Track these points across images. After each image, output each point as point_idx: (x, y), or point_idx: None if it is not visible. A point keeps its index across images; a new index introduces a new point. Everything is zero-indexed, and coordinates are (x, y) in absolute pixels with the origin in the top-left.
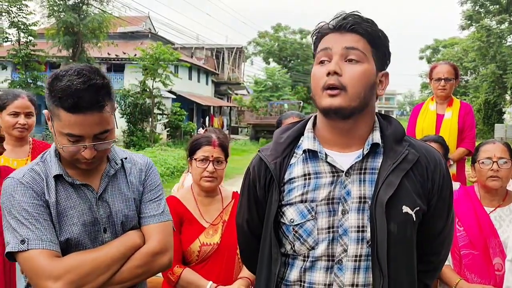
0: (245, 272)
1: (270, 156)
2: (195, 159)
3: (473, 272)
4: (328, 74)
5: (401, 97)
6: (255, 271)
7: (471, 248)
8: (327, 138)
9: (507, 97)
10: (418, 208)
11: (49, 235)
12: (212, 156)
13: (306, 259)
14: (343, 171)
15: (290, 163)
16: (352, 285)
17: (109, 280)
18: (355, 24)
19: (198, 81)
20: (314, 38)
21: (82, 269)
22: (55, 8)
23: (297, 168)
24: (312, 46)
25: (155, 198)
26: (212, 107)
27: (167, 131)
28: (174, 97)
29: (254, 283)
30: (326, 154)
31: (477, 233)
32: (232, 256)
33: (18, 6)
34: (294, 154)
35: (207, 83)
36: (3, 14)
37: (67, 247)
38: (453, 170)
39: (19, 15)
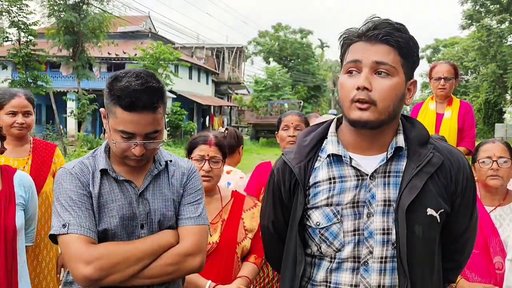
0: (244, 271)
1: (294, 159)
2: (191, 158)
3: (473, 271)
4: (358, 88)
5: None
6: (279, 270)
7: None
8: (351, 142)
9: (508, 97)
10: (443, 210)
11: (88, 223)
12: (208, 155)
13: (332, 260)
14: (367, 175)
15: (315, 166)
16: (379, 286)
17: (138, 273)
18: (387, 35)
19: (199, 80)
20: (341, 43)
21: (113, 258)
22: (55, 8)
23: (321, 172)
24: (340, 50)
25: (194, 201)
26: (212, 107)
27: (168, 131)
28: (175, 96)
29: (252, 282)
30: (350, 158)
31: (479, 233)
32: (231, 255)
33: (18, 6)
34: (318, 158)
35: (207, 83)
36: (4, 13)
37: (104, 237)
38: None
39: (20, 15)
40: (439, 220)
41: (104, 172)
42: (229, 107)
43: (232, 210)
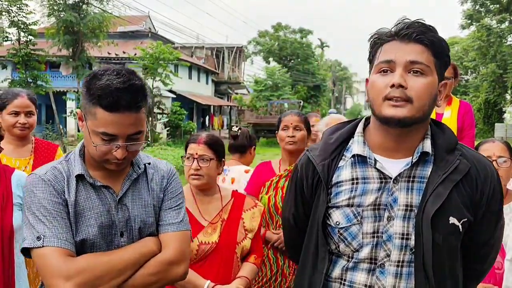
0: (244, 271)
1: (319, 157)
2: (184, 158)
3: None
4: (392, 86)
5: None
6: (296, 260)
7: None
8: (377, 143)
9: (507, 97)
10: (466, 219)
11: (65, 234)
12: (196, 153)
13: (349, 259)
14: (391, 178)
15: (339, 165)
16: None
17: (121, 285)
18: (420, 34)
19: (198, 80)
20: (373, 42)
21: (95, 271)
22: (55, 8)
23: (345, 171)
24: (369, 49)
25: (175, 206)
26: (212, 107)
27: (167, 131)
28: (174, 96)
29: (252, 282)
30: (375, 160)
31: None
32: (230, 255)
33: (18, 6)
34: (343, 157)
35: (207, 83)
36: (3, 13)
37: (82, 248)
38: None
39: (19, 15)
40: (461, 229)
41: (80, 177)
42: (229, 107)
43: (232, 210)
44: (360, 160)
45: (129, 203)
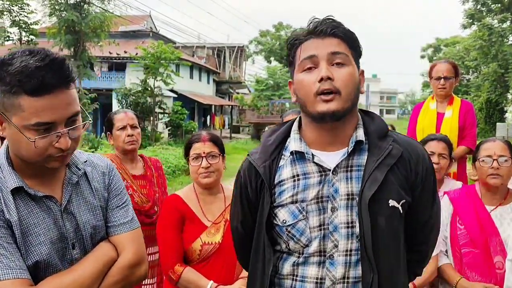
0: (246, 272)
1: (259, 159)
2: (189, 159)
3: (473, 271)
4: (321, 80)
5: (403, 96)
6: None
7: (472, 246)
8: (312, 138)
9: (509, 96)
10: (404, 200)
11: (17, 261)
12: (204, 152)
13: (300, 255)
14: (330, 170)
15: (279, 165)
16: (344, 278)
17: None
18: (334, 28)
19: (200, 80)
20: (290, 45)
21: None
22: (57, 7)
23: (286, 170)
24: (287, 52)
25: (122, 204)
26: (213, 106)
27: (169, 130)
28: (176, 96)
29: None
30: (313, 155)
31: (478, 231)
32: (233, 256)
33: (19, 5)
34: (282, 156)
35: (208, 82)
36: (5, 13)
37: (35, 271)
38: (454, 169)
39: (21, 14)
40: (401, 211)
41: (17, 191)
42: (230, 106)
43: None
44: (299, 157)
45: (75, 211)
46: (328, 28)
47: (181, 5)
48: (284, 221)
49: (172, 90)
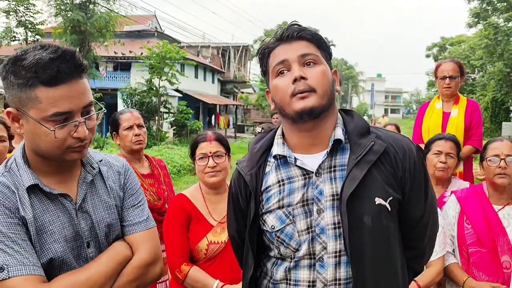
0: None
1: (246, 167)
2: (196, 158)
3: (481, 270)
4: (295, 81)
5: (408, 95)
6: None
7: (479, 246)
8: (295, 143)
9: None
10: (392, 198)
11: (31, 258)
12: (210, 151)
13: (291, 260)
14: (313, 172)
15: (266, 171)
16: (335, 279)
17: None
18: (300, 32)
19: (204, 79)
20: (261, 55)
21: None
22: (62, 7)
23: (271, 176)
24: (260, 63)
25: (137, 203)
26: (218, 106)
27: (174, 130)
28: (180, 95)
29: None
30: (295, 158)
31: (485, 231)
32: None
33: (25, 5)
34: (268, 163)
35: (213, 82)
36: (11, 13)
37: (49, 269)
38: (460, 168)
39: (27, 14)
40: (389, 209)
41: (31, 189)
42: (235, 106)
43: None
44: (283, 162)
45: (90, 209)
46: (295, 32)
47: (186, 5)
48: (273, 227)
49: (177, 90)
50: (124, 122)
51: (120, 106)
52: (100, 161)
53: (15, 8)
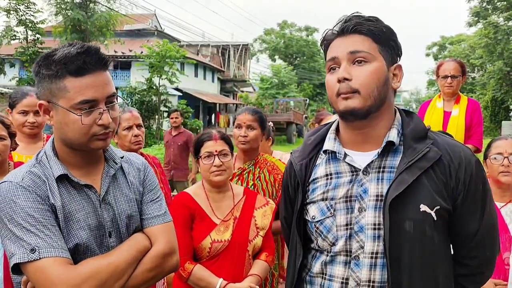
0: (255, 269)
1: (298, 157)
2: (201, 157)
3: None
4: (339, 81)
5: (407, 94)
6: None
7: None
8: (347, 139)
9: None
10: (439, 207)
11: (59, 242)
12: (216, 150)
13: (328, 253)
14: (360, 170)
15: (316, 164)
16: (369, 281)
17: (124, 285)
18: (357, 25)
19: (204, 78)
20: (322, 47)
21: (100, 275)
22: (63, 6)
23: (320, 168)
24: (323, 55)
25: (156, 198)
26: (218, 105)
27: None
28: (180, 94)
29: (263, 280)
30: (345, 154)
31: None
32: (242, 253)
33: (26, 4)
34: (320, 155)
35: (213, 81)
36: (11, 12)
37: (75, 254)
38: None
39: (27, 13)
40: (435, 218)
41: (60, 179)
42: (235, 104)
43: (244, 207)
44: (333, 157)
45: (112, 201)
46: (351, 26)
47: (186, 4)
48: (313, 217)
49: (177, 89)
50: (123, 122)
51: None
52: (122, 157)
53: (16, 7)
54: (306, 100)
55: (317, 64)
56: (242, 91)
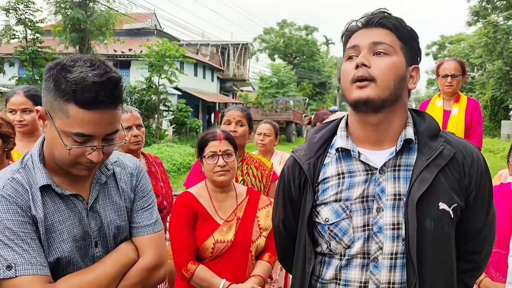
0: (258, 270)
1: (304, 156)
2: (205, 157)
3: (498, 271)
4: (357, 67)
5: None
6: (291, 271)
7: (499, 247)
8: (359, 136)
9: None
10: (456, 204)
11: (38, 258)
12: (220, 150)
13: (342, 257)
14: (376, 169)
15: (324, 162)
16: (389, 283)
17: None
18: (383, 19)
19: (204, 77)
20: (343, 37)
21: None
22: (62, 5)
23: (331, 167)
24: (342, 46)
25: (147, 206)
26: (217, 104)
27: (173, 128)
28: (180, 93)
29: (266, 281)
30: (359, 153)
31: (506, 232)
32: (245, 254)
33: (25, 3)
34: (328, 154)
35: (212, 80)
36: (11, 11)
37: (56, 267)
38: None
39: (26, 12)
40: (452, 216)
41: (45, 188)
42: (234, 104)
43: (247, 208)
44: (345, 155)
45: (100, 210)
46: (377, 18)
47: (185, 3)
48: (327, 220)
49: (176, 88)
50: (123, 122)
51: None
52: (115, 162)
53: (15, 6)
54: (306, 99)
55: (317, 63)
56: (242, 91)
